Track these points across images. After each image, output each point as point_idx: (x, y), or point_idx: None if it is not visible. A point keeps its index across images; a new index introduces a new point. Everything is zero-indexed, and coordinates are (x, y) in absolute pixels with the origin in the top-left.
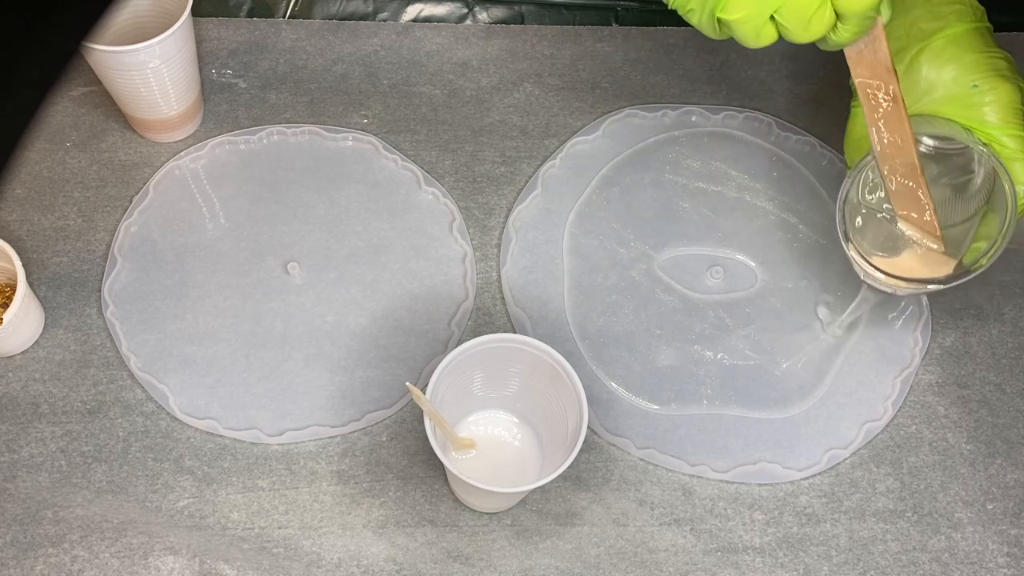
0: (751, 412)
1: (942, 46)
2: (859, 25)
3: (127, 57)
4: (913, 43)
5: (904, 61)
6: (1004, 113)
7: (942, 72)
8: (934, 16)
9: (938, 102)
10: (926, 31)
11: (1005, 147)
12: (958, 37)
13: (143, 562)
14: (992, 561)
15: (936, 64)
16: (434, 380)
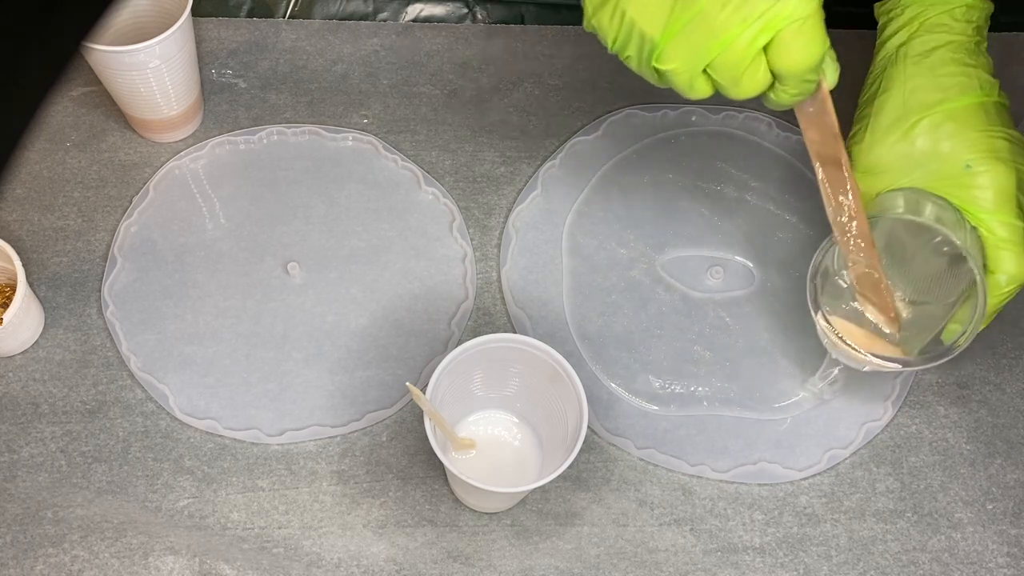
0: (751, 412)
1: (941, 120)
2: (798, 87)
3: (127, 57)
4: (911, 114)
5: (899, 131)
6: (996, 198)
7: (937, 147)
8: (936, 87)
9: (931, 177)
10: (925, 102)
11: (993, 233)
12: (959, 112)
13: (143, 562)
14: (992, 561)
15: (932, 138)
16: (434, 380)
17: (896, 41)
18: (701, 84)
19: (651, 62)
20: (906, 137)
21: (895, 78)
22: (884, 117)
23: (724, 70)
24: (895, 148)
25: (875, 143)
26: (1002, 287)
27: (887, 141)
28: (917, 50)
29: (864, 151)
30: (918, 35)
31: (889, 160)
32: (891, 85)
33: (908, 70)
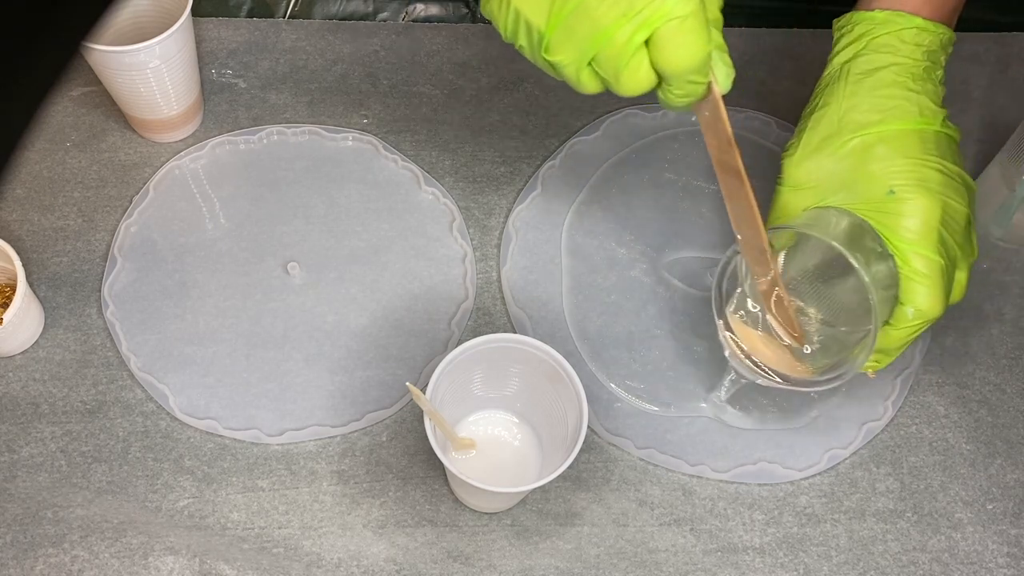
0: (751, 411)
1: (873, 142)
2: (684, 88)
3: (127, 57)
4: (844, 132)
5: (830, 148)
6: (918, 228)
7: (866, 169)
8: (873, 108)
9: (856, 199)
10: (860, 122)
11: (908, 265)
12: (892, 136)
13: (143, 562)
14: (992, 561)
15: (862, 159)
16: (434, 380)
17: (842, 58)
18: (587, 78)
19: (542, 53)
20: (836, 155)
21: (834, 94)
22: (817, 133)
23: (606, 64)
24: (824, 165)
25: (805, 158)
26: (909, 320)
27: (817, 157)
28: (860, 68)
29: (793, 165)
30: (863, 54)
31: (817, 177)
32: (830, 101)
33: (848, 88)
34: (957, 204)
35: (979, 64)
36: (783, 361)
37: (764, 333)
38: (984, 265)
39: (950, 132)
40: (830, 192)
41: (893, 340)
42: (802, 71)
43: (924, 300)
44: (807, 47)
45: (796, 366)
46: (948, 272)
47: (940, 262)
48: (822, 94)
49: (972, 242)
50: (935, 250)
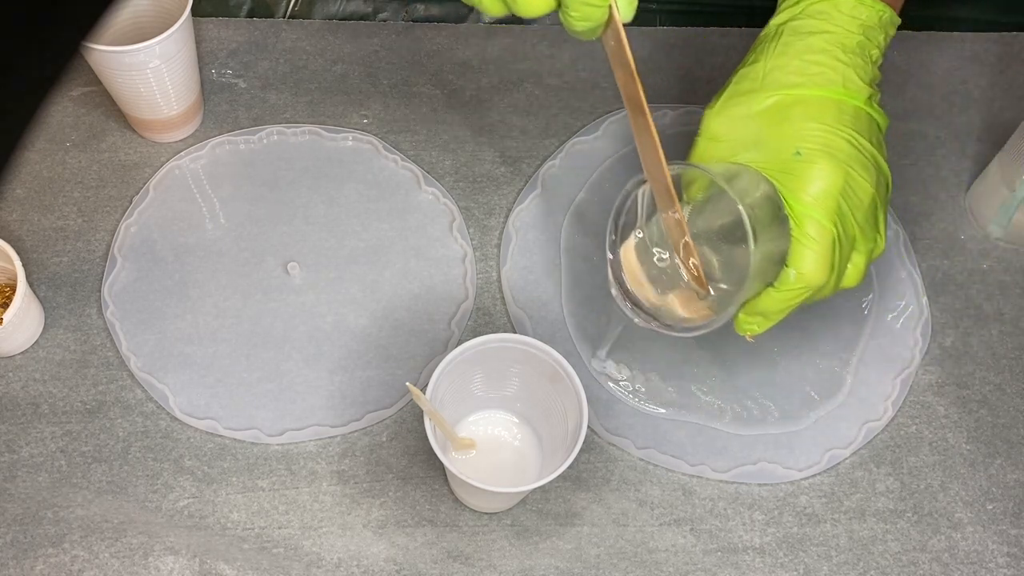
0: (751, 411)
1: (790, 103)
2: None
3: (127, 57)
4: (765, 89)
5: (748, 104)
6: (816, 193)
7: (778, 128)
8: (798, 71)
9: (764, 157)
10: (781, 82)
11: (800, 228)
12: (810, 100)
13: (143, 562)
14: (992, 561)
15: (776, 118)
16: (434, 380)
17: (779, 20)
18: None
19: None
20: (752, 111)
21: (764, 53)
22: (740, 87)
23: None
24: (739, 120)
25: (723, 110)
26: (791, 284)
27: (734, 111)
28: (793, 31)
29: (712, 116)
30: (799, 18)
31: (731, 130)
32: (758, 59)
33: (777, 48)
34: (862, 180)
35: (979, 64)
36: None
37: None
38: (984, 265)
39: (874, 113)
40: (742, 147)
41: (774, 302)
42: None
43: (808, 264)
44: None
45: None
46: (841, 245)
47: (832, 231)
48: (753, 51)
49: (878, 229)
50: (829, 217)
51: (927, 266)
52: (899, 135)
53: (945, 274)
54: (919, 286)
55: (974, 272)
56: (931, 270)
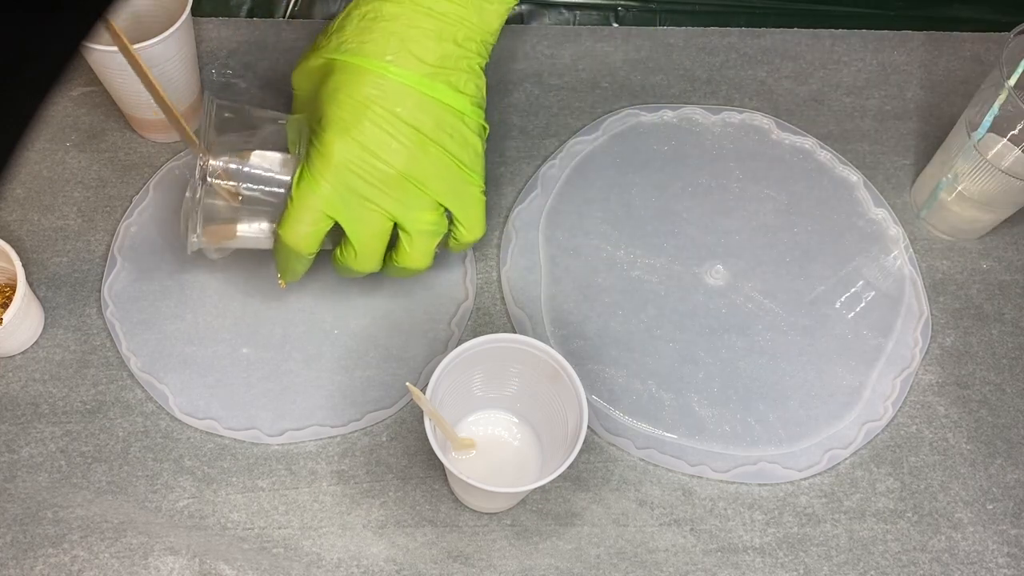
0: (751, 412)
1: (337, 68)
2: None
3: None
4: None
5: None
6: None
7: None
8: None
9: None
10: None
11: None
12: (350, 69)
13: (143, 562)
14: (992, 561)
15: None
16: (434, 380)
17: None
18: None
19: None
20: (309, 67)
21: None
22: (316, 42)
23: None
24: (304, 74)
25: (299, 61)
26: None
27: (303, 64)
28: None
29: (295, 67)
30: None
31: (299, 83)
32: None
33: (351, 10)
34: (378, 161)
35: (979, 64)
36: None
37: None
38: (984, 265)
39: (436, 94)
40: (305, 104)
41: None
42: (802, 71)
43: (282, 225)
44: (807, 47)
45: None
46: (323, 215)
47: (316, 200)
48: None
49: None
50: (314, 186)
51: (927, 266)
52: (899, 135)
53: (945, 274)
54: (919, 286)
55: (974, 272)
56: (931, 270)
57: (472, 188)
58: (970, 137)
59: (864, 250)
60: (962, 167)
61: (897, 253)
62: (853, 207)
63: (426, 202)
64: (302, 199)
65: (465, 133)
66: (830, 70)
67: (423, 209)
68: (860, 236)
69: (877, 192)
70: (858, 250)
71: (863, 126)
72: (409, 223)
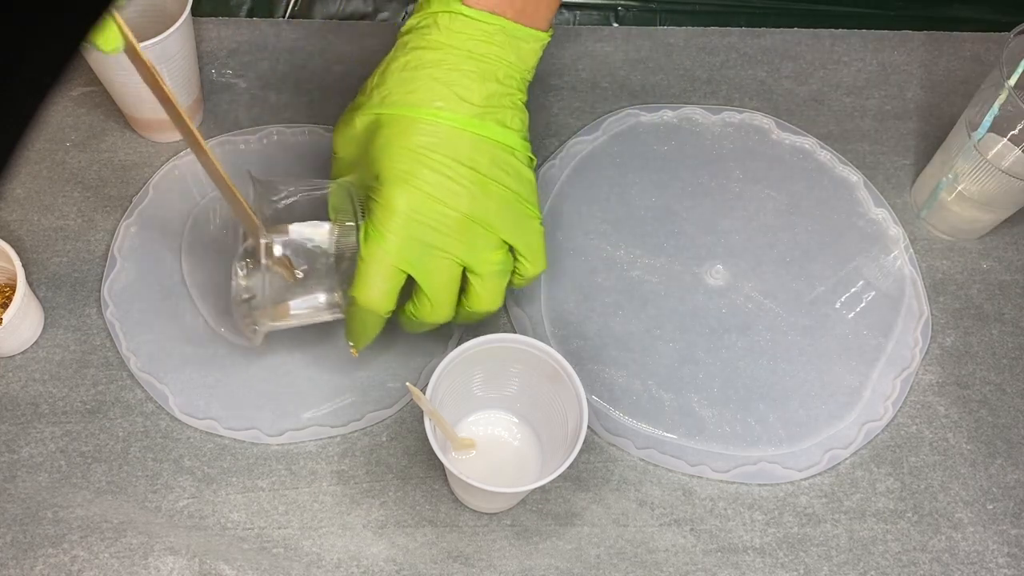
0: (751, 412)
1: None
2: None
3: (127, 57)
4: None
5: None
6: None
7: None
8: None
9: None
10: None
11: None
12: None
13: (143, 562)
14: (992, 561)
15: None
16: (434, 380)
17: (406, 27)
18: None
19: None
20: (355, 128)
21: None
22: (354, 102)
23: None
24: (348, 137)
25: (338, 127)
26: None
27: (345, 128)
28: (404, 45)
29: (335, 131)
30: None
31: (342, 146)
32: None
33: (389, 62)
34: (443, 207)
35: (979, 64)
36: None
37: None
38: (984, 265)
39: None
40: (350, 166)
41: (350, 322)
42: (802, 71)
43: (358, 287)
44: (807, 47)
45: None
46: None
47: (386, 256)
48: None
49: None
50: (383, 242)
51: (927, 266)
52: (900, 135)
53: (945, 274)
54: (919, 286)
55: (974, 272)
56: (931, 270)
57: (532, 221)
58: (970, 137)
59: (864, 250)
60: (962, 167)
61: (897, 253)
62: (853, 207)
63: (492, 242)
64: (372, 257)
65: (518, 167)
66: (830, 70)
67: (490, 249)
68: (860, 236)
69: (877, 192)
70: (858, 250)
71: (863, 126)
72: (479, 265)
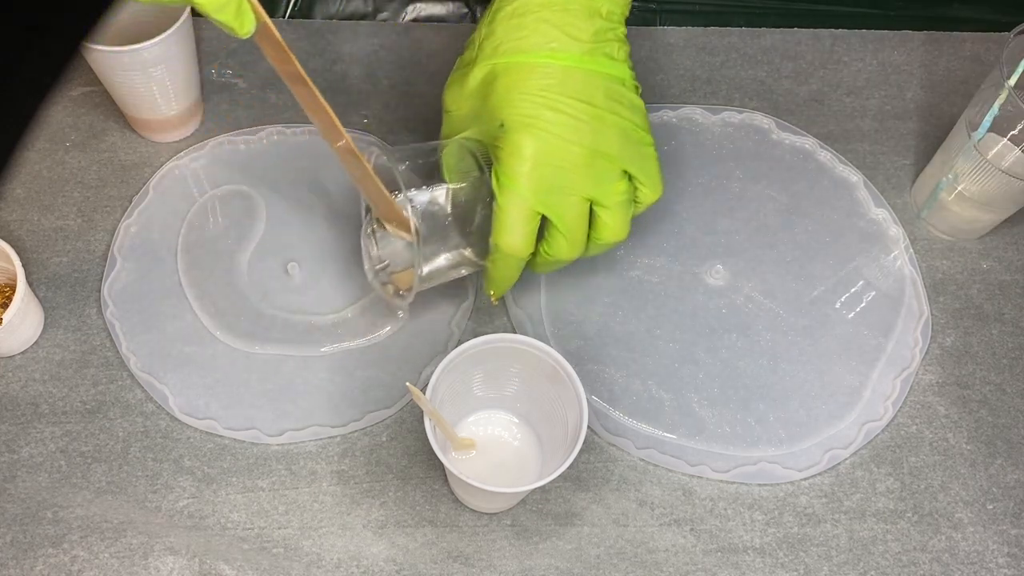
0: (751, 412)
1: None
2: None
3: (127, 57)
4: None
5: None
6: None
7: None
8: (505, 37)
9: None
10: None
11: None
12: (514, 68)
13: (143, 562)
14: (992, 561)
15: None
16: (434, 380)
17: None
18: None
19: None
20: (469, 83)
21: (484, 20)
22: (463, 58)
23: None
24: (461, 92)
25: (450, 84)
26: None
27: (459, 84)
28: None
29: (446, 88)
30: None
31: (457, 103)
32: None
33: (492, 15)
34: (570, 144)
35: (979, 64)
36: None
37: None
38: (984, 265)
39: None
40: (468, 120)
41: (492, 269)
42: (802, 71)
43: (499, 235)
44: (807, 47)
45: None
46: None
47: (522, 200)
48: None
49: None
50: (517, 188)
51: (927, 266)
52: (900, 135)
53: (945, 274)
54: (919, 286)
55: (974, 272)
56: (931, 270)
57: (648, 148)
58: (970, 137)
59: (864, 250)
60: (962, 167)
61: (897, 253)
62: (853, 207)
63: (615, 173)
64: (509, 203)
65: (630, 97)
66: (830, 70)
67: (614, 180)
68: (860, 236)
69: (877, 192)
70: (858, 250)
71: (863, 126)
72: (605, 197)
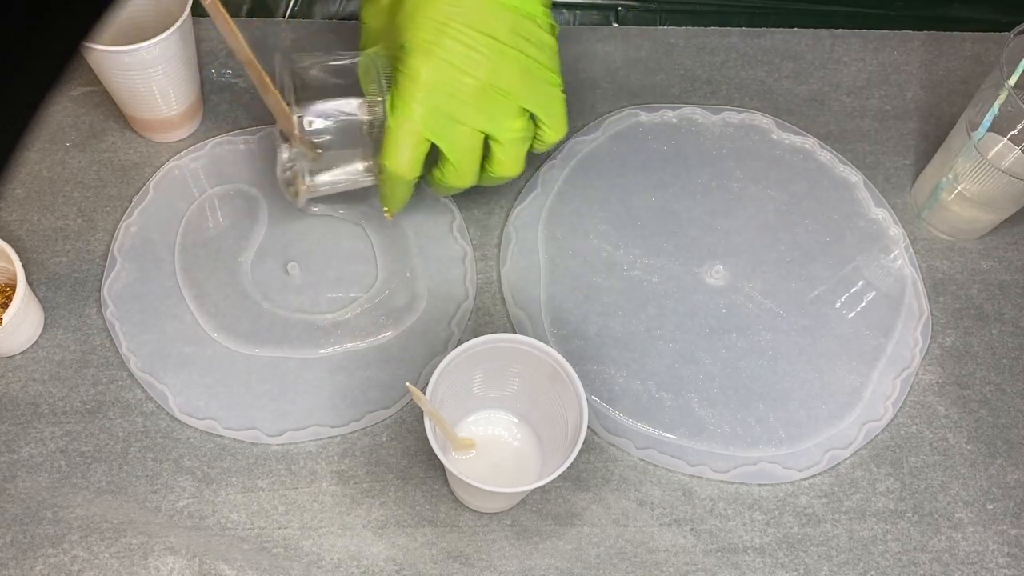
0: (751, 412)
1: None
2: None
3: (127, 57)
4: None
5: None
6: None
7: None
8: None
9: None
10: None
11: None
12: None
13: (143, 562)
14: (992, 561)
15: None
16: (434, 380)
17: None
18: None
19: None
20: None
21: None
22: None
23: None
24: (376, 5)
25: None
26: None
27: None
28: None
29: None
30: None
31: (371, 16)
32: None
33: None
34: (464, 75)
35: (979, 64)
36: None
37: None
38: (984, 265)
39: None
40: (377, 35)
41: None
42: (802, 71)
43: (384, 156)
44: (807, 47)
45: None
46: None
47: (412, 125)
48: None
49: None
50: (408, 112)
51: (927, 266)
52: (900, 135)
53: (945, 274)
54: (919, 286)
55: (974, 272)
56: (931, 270)
57: (553, 88)
58: (970, 137)
59: (864, 250)
60: (962, 167)
61: (897, 253)
62: (853, 207)
63: (513, 109)
64: (399, 126)
65: (539, 34)
66: (830, 70)
67: (510, 117)
68: (860, 236)
69: (877, 192)
70: (858, 250)
71: (863, 126)
72: (499, 133)
